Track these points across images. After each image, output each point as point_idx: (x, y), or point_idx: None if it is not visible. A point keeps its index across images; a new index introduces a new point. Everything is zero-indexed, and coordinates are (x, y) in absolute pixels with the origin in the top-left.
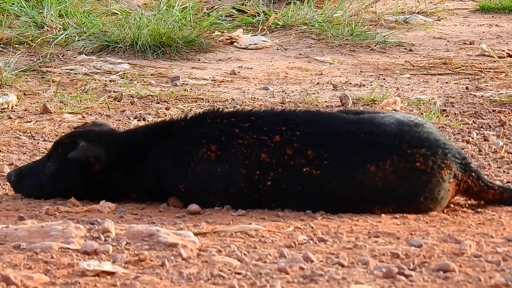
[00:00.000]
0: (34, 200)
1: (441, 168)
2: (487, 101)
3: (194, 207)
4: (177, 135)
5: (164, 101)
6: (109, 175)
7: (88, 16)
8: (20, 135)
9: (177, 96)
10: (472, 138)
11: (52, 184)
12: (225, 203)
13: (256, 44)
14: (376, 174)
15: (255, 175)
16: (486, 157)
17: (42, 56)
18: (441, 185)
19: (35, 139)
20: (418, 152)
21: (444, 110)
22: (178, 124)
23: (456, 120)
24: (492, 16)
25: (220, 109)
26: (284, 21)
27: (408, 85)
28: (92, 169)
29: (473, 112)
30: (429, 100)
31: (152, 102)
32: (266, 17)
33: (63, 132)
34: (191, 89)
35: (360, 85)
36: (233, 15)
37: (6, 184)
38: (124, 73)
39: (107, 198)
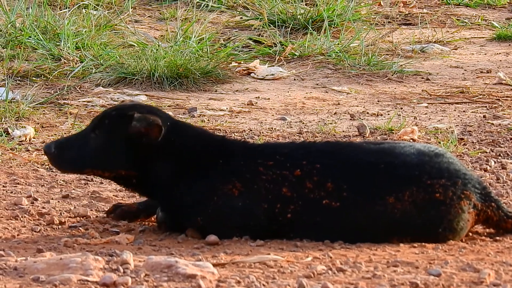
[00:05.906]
0: (52, 232)
1: (461, 198)
2: (504, 129)
3: (212, 238)
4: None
5: None
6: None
7: (105, 48)
8: (38, 167)
9: None
10: (490, 167)
11: (97, 155)
12: (244, 235)
13: (273, 74)
14: (395, 206)
15: (276, 208)
16: (504, 185)
17: (59, 89)
18: (460, 216)
19: (53, 171)
20: (438, 183)
21: (462, 139)
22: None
23: (474, 148)
24: (509, 45)
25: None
26: (301, 52)
27: (425, 114)
28: (144, 140)
29: (491, 140)
30: (446, 129)
31: None
32: (283, 48)
33: None
34: (208, 120)
35: (377, 115)
36: (249, 46)
37: (24, 216)
38: None
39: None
